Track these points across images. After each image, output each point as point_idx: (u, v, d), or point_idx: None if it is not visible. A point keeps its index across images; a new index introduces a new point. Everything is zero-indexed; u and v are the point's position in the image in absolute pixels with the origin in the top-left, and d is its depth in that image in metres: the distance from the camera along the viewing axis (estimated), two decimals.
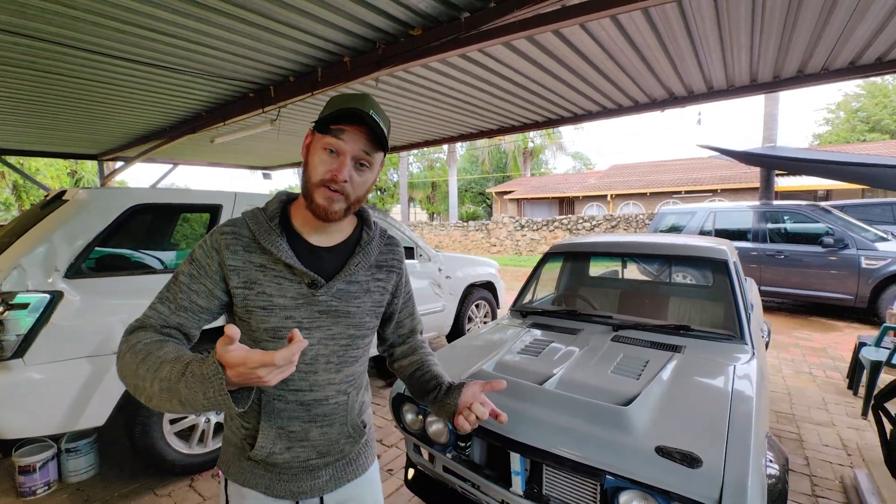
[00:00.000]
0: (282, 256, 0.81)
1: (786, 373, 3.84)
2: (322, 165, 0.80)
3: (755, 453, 1.25)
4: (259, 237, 0.82)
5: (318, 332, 0.85)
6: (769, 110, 8.86)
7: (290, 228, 0.87)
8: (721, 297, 2.44)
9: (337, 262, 0.89)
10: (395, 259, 1.00)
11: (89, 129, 5.11)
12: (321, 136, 0.80)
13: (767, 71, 3.55)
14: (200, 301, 0.82)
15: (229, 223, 0.85)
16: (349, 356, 0.91)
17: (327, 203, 0.81)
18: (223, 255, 0.82)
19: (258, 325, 0.82)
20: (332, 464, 0.93)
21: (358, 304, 0.90)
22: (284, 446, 0.87)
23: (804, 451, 2.56)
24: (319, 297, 0.85)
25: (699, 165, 19.27)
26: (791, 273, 5.91)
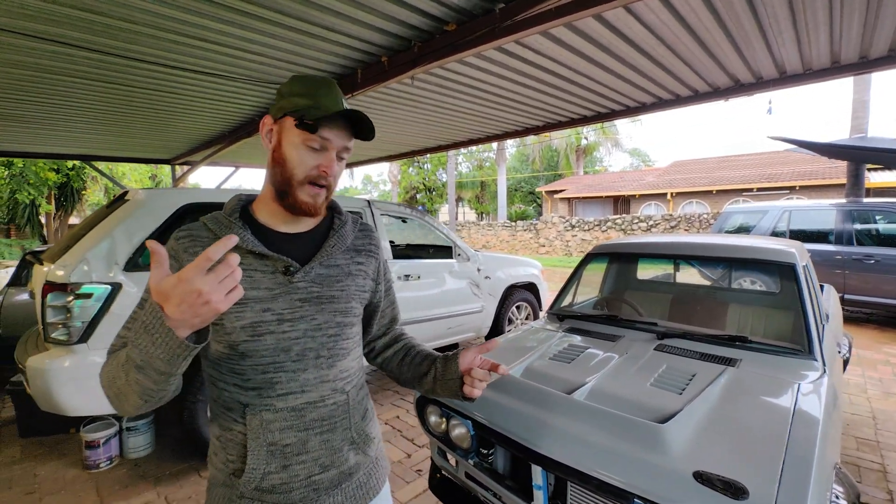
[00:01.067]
0: (247, 246, 0.76)
1: (871, 394, 3.36)
2: (308, 161, 0.77)
3: (816, 486, 1.08)
4: (219, 233, 0.78)
5: (303, 324, 0.79)
6: (859, 96, 7.88)
7: (253, 221, 0.83)
8: (787, 306, 2.17)
9: (310, 248, 0.84)
10: (371, 244, 0.96)
11: (160, 136, 5.59)
12: (301, 132, 0.76)
13: (852, 51, 3.12)
14: None
15: (184, 228, 0.80)
16: (340, 348, 0.84)
17: (314, 199, 0.79)
18: (182, 260, 0.76)
19: (233, 325, 0.75)
20: (338, 485, 0.84)
21: (341, 287, 0.85)
22: (280, 465, 0.77)
23: (887, 485, 2.21)
24: (298, 284, 0.79)
25: (774, 160, 17.58)
26: (883, 280, 5.20)
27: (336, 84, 0.80)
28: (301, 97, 0.77)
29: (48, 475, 2.40)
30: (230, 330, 0.76)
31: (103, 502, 2.16)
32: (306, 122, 0.75)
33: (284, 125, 0.78)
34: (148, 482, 2.33)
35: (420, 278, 3.56)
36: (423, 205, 29.14)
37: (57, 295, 2.09)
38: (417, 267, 3.59)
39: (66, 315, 2.11)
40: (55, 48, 2.75)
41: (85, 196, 15.82)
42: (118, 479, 2.36)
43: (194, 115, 4.52)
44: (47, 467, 2.48)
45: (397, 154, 7.38)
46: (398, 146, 6.68)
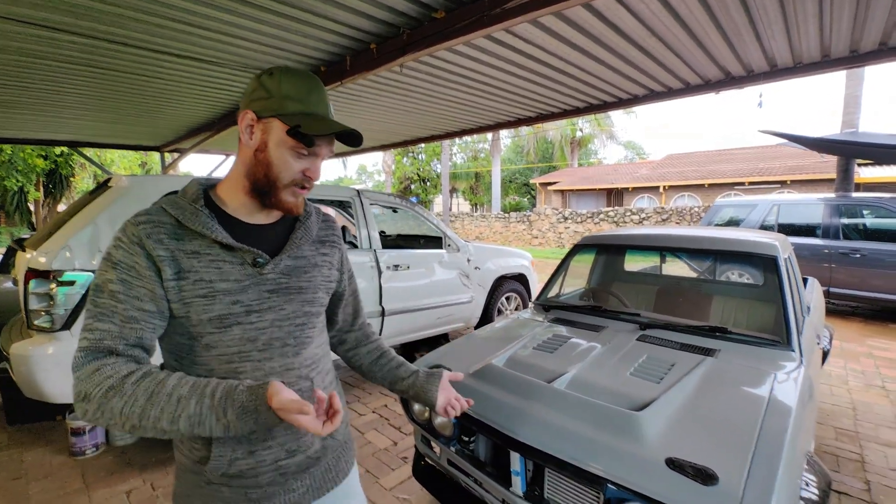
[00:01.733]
0: (216, 237, 0.75)
1: (852, 385, 3.43)
2: (295, 165, 0.78)
3: (785, 474, 1.10)
4: (185, 221, 0.74)
5: (271, 314, 0.79)
6: (851, 91, 7.91)
7: (218, 210, 0.80)
8: (768, 298, 2.21)
9: (277, 239, 0.85)
10: (333, 235, 0.98)
11: (148, 123, 5.49)
12: (290, 139, 0.75)
13: (842, 44, 3.12)
14: (148, 306, 0.72)
15: (141, 213, 0.75)
16: (306, 336, 0.85)
17: (296, 199, 0.81)
18: (147, 246, 0.72)
19: (199, 317, 0.74)
20: (306, 469, 0.85)
21: (309, 278, 0.86)
22: (246, 451, 0.78)
23: (865, 475, 2.27)
24: (268, 276, 0.80)
25: (766, 154, 17.69)
26: (869, 274, 5.27)
27: (322, 84, 0.80)
28: (293, 101, 0.75)
29: (35, 461, 2.40)
30: (196, 322, 0.74)
31: (89, 488, 2.17)
32: (302, 132, 0.75)
33: (272, 127, 0.76)
34: (134, 469, 2.34)
35: (410, 268, 3.56)
36: (418, 195, 29.03)
37: (39, 282, 2.07)
38: (407, 257, 3.59)
39: (48, 302, 2.09)
40: (39, 32, 2.68)
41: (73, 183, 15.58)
42: (104, 465, 2.37)
43: (182, 101, 4.45)
44: (34, 454, 2.48)
45: (389, 143, 7.33)
46: (389, 135, 6.63)
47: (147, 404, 0.65)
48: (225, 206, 0.81)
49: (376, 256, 3.32)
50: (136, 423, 0.65)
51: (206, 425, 0.66)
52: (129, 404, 0.65)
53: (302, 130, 0.74)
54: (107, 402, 0.65)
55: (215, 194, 0.82)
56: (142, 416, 0.65)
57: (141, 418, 0.65)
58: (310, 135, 0.75)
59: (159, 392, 0.66)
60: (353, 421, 2.91)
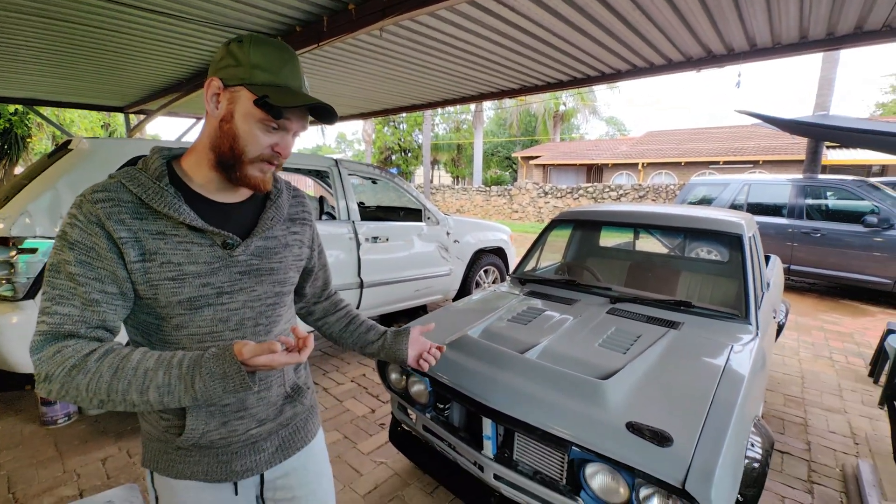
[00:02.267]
0: (184, 219, 0.71)
1: (803, 356, 3.68)
2: (263, 139, 0.73)
3: (734, 436, 1.20)
4: (149, 201, 0.70)
5: (242, 295, 0.79)
6: (825, 73, 8.07)
7: (183, 186, 0.75)
8: (732, 275, 2.31)
9: (247, 219, 0.82)
10: (304, 211, 0.95)
11: (111, 81, 5.16)
12: (260, 112, 0.71)
13: (820, 26, 3.17)
14: (110, 288, 0.69)
15: (98, 189, 0.70)
16: (277, 315, 0.86)
17: (265, 177, 0.77)
18: (108, 227, 0.68)
19: (168, 300, 0.72)
20: (276, 433, 0.89)
21: (279, 258, 0.85)
22: (219, 422, 0.80)
23: (807, 436, 2.47)
24: (238, 258, 0.78)
25: (741, 134, 18.03)
26: (826, 253, 5.56)
27: (297, 57, 0.76)
28: (263, 71, 0.71)
29: (4, 430, 2.36)
30: (164, 304, 0.72)
31: (62, 456, 2.16)
32: (270, 103, 0.70)
33: (239, 96, 0.71)
34: (108, 437, 2.33)
35: (389, 240, 3.56)
36: (398, 166, 28.55)
37: None
38: (386, 229, 3.57)
39: (9, 270, 2.01)
40: None
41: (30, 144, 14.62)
42: (77, 434, 2.35)
43: (148, 58, 4.18)
44: (3, 423, 2.43)
45: (368, 112, 7.13)
46: (369, 103, 6.44)
47: (113, 379, 0.64)
48: (190, 182, 0.76)
49: (355, 228, 3.29)
50: (105, 398, 0.64)
51: (175, 395, 0.65)
52: (94, 380, 0.64)
53: (270, 101, 0.70)
54: (70, 380, 0.64)
55: (179, 167, 0.77)
56: (109, 391, 0.64)
57: (108, 392, 0.64)
58: (278, 106, 0.70)
59: (124, 367, 0.65)
60: (331, 389, 2.96)
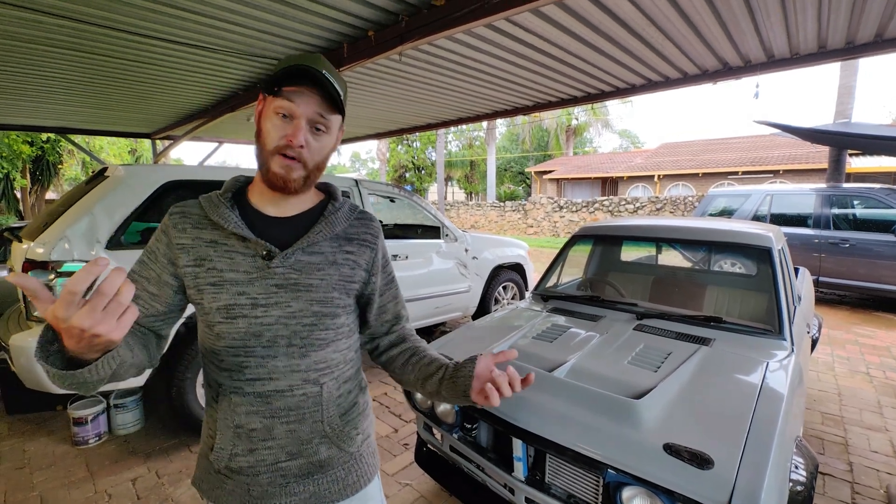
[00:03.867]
0: (230, 227, 0.76)
1: (839, 371, 3.53)
2: (276, 131, 0.74)
3: (777, 458, 1.15)
4: (208, 211, 0.78)
5: (276, 310, 0.77)
6: (845, 81, 7.95)
7: (245, 203, 0.82)
8: (762, 288, 2.26)
9: (296, 233, 0.81)
10: (368, 233, 0.89)
11: (139, 109, 5.40)
12: (273, 100, 0.74)
13: (839, 36, 3.14)
14: (151, 287, 0.78)
15: (179, 204, 0.81)
16: (315, 338, 0.80)
17: (285, 171, 0.75)
18: (171, 236, 0.78)
19: (210, 305, 0.76)
20: (310, 475, 0.82)
21: (321, 276, 0.81)
22: (246, 447, 0.78)
23: (848, 457, 2.36)
24: (276, 269, 0.77)
25: (760, 144, 17.76)
26: (857, 263, 5.37)
27: (320, 56, 0.77)
28: (279, 66, 0.75)
29: (37, 451, 2.41)
30: (208, 310, 0.77)
31: (94, 476, 2.19)
32: (274, 83, 0.74)
33: (265, 99, 0.77)
34: (138, 457, 2.36)
35: (408, 258, 3.58)
36: (412, 184, 28.88)
37: (38, 273, 2.06)
38: (405, 247, 3.60)
39: None
40: (24, 14, 2.61)
41: (61, 170, 15.28)
42: (108, 454, 2.39)
43: (175, 87, 4.37)
44: (36, 443, 2.49)
45: (385, 132, 7.27)
46: (386, 123, 6.58)
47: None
48: (250, 197, 0.83)
49: None
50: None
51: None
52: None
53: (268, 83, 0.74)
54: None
55: (248, 188, 0.85)
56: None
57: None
58: (277, 85, 0.73)
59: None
60: None
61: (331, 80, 0.74)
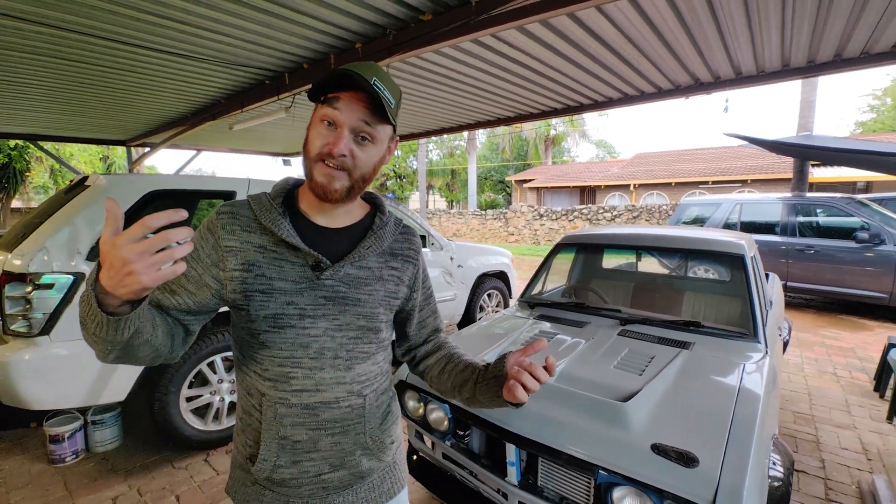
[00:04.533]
0: (282, 235, 0.74)
1: (808, 372, 3.71)
2: (319, 139, 0.73)
3: (756, 455, 1.22)
4: (259, 216, 0.76)
5: (324, 322, 0.77)
6: (806, 96, 8.41)
7: (296, 210, 0.81)
8: (736, 293, 2.37)
9: (345, 246, 0.81)
10: (411, 249, 0.90)
11: (116, 116, 5.28)
12: (320, 107, 0.74)
13: (801, 55, 3.35)
14: (189, 286, 0.76)
15: (228, 204, 0.80)
16: (359, 351, 0.81)
17: (327, 180, 0.73)
18: (218, 237, 0.76)
19: (257, 313, 0.74)
20: (351, 486, 0.83)
21: (369, 291, 0.81)
22: (290, 459, 0.77)
23: (820, 454, 2.48)
24: (325, 282, 0.77)
25: (729, 154, 18.51)
26: (822, 269, 5.66)
27: (374, 65, 0.74)
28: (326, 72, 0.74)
29: (13, 469, 2.31)
30: (254, 318, 0.75)
31: (72, 496, 2.11)
32: (318, 90, 0.73)
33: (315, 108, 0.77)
34: (118, 475, 2.29)
35: None
36: (394, 192, 28.87)
37: (15, 285, 2.00)
38: None
39: (25, 306, 2.02)
40: (2, 21, 2.55)
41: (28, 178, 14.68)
42: (86, 472, 2.31)
43: (155, 95, 4.30)
44: (11, 462, 2.38)
45: None
46: None
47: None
48: (300, 204, 0.82)
49: None
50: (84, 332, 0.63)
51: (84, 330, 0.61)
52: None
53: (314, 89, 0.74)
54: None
55: (297, 192, 0.84)
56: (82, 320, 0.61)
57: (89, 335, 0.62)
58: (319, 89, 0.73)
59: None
60: None
61: (379, 87, 0.71)
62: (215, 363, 2.53)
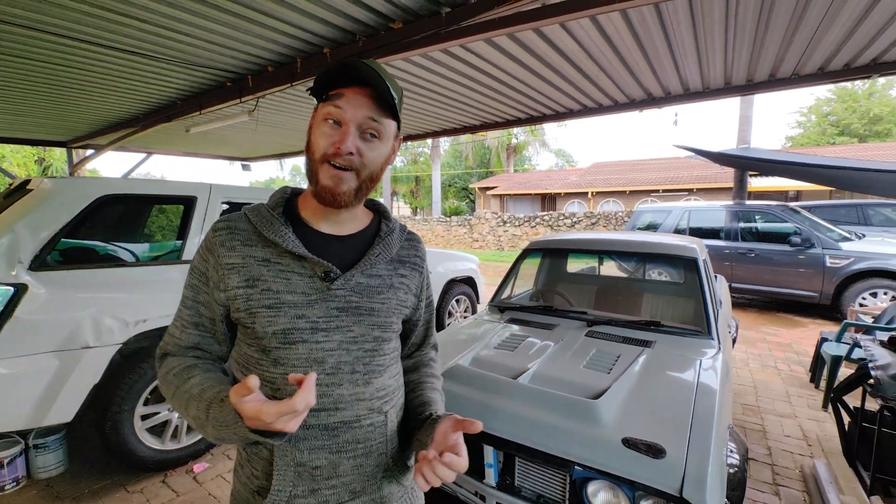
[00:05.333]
0: (287, 245, 0.70)
1: (753, 367, 3.99)
2: (323, 139, 0.69)
3: (716, 444, 1.31)
4: (260, 227, 0.72)
5: (338, 335, 0.72)
6: (744, 112, 9.12)
7: (298, 219, 0.77)
8: (691, 294, 2.53)
9: (353, 254, 0.77)
10: (416, 256, 0.87)
11: (58, 115, 4.91)
12: (321, 107, 0.71)
13: (741, 74, 3.65)
14: (207, 313, 0.74)
15: (223, 219, 0.75)
16: (376, 364, 0.76)
17: (333, 183, 0.69)
18: (218, 255, 0.72)
19: (264, 329, 0.69)
20: None
21: (382, 299, 0.77)
22: (308, 488, 0.70)
23: (767, 442, 2.67)
24: (336, 292, 0.72)
25: (677, 165, 19.69)
26: (761, 271, 6.12)
27: (373, 61, 0.71)
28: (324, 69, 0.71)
29: None
30: (262, 335, 0.70)
31: None
32: (320, 88, 0.70)
33: (316, 109, 0.73)
34: (64, 502, 2.11)
35: None
36: None
37: None
38: None
39: None
40: None
41: None
42: (29, 500, 2.11)
43: (104, 94, 4.05)
44: None
45: None
46: None
47: (173, 399, 0.70)
48: (302, 213, 0.78)
49: None
50: (182, 413, 0.70)
51: (205, 431, 0.66)
52: (170, 393, 0.71)
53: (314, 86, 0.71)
54: (164, 389, 0.73)
55: (297, 201, 0.80)
56: (179, 407, 0.69)
57: (180, 409, 0.70)
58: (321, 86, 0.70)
59: (181, 388, 0.70)
60: None
61: (383, 79, 0.68)
62: None
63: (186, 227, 2.49)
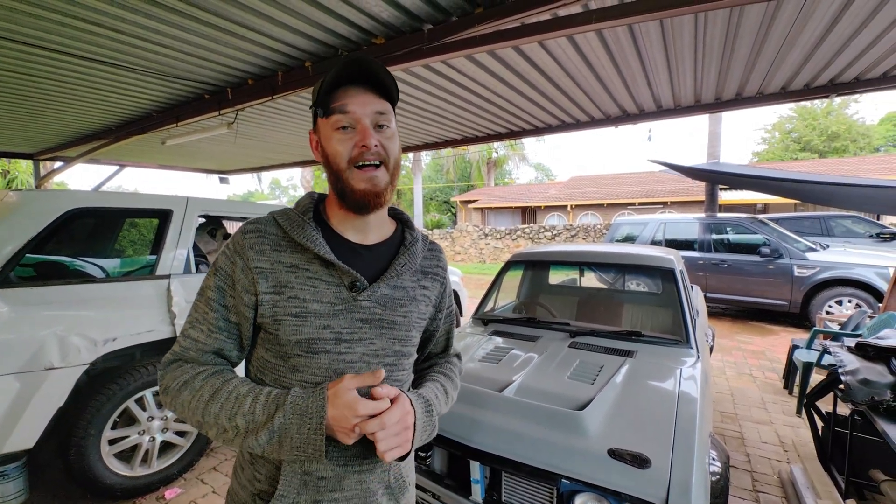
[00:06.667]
0: (319, 251, 0.70)
1: (729, 374, 4.09)
2: (343, 144, 0.69)
3: (699, 453, 1.33)
4: (291, 232, 0.71)
5: (360, 347, 0.72)
6: (713, 129, 9.53)
7: (326, 225, 0.76)
8: (669, 304, 2.58)
9: (378, 264, 0.77)
10: (439, 266, 0.87)
11: (25, 126, 4.74)
12: (326, 121, 0.71)
13: (710, 93, 3.82)
14: (234, 318, 0.72)
15: (253, 222, 0.74)
16: (395, 379, 0.76)
17: (370, 184, 0.70)
18: (247, 258, 0.70)
19: (288, 338, 0.69)
20: None
21: (404, 313, 0.77)
22: (311, 498, 0.70)
23: (745, 449, 2.72)
24: (362, 303, 0.72)
25: (652, 179, 20.32)
26: (733, 281, 6.32)
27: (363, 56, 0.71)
28: (321, 85, 0.71)
29: None
30: (284, 342, 0.70)
31: None
32: (320, 103, 0.71)
33: (319, 126, 0.74)
34: None
35: None
36: None
37: None
38: None
39: None
40: None
41: None
42: None
43: (74, 105, 3.93)
44: None
45: (311, 159, 7.14)
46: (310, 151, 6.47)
47: (210, 400, 0.67)
48: (330, 220, 0.77)
49: None
50: (201, 419, 0.67)
51: (256, 426, 0.65)
52: (195, 398, 0.67)
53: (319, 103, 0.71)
54: (179, 394, 0.68)
55: (323, 208, 0.79)
56: (205, 412, 0.66)
57: (204, 414, 0.66)
58: (326, 99, 0.70)
59: (222, 388, 0.68)
60: None
61: (375, 68, 0.70)
62: (145, 399, 2.29)
63: (161, 241, 2.42)
